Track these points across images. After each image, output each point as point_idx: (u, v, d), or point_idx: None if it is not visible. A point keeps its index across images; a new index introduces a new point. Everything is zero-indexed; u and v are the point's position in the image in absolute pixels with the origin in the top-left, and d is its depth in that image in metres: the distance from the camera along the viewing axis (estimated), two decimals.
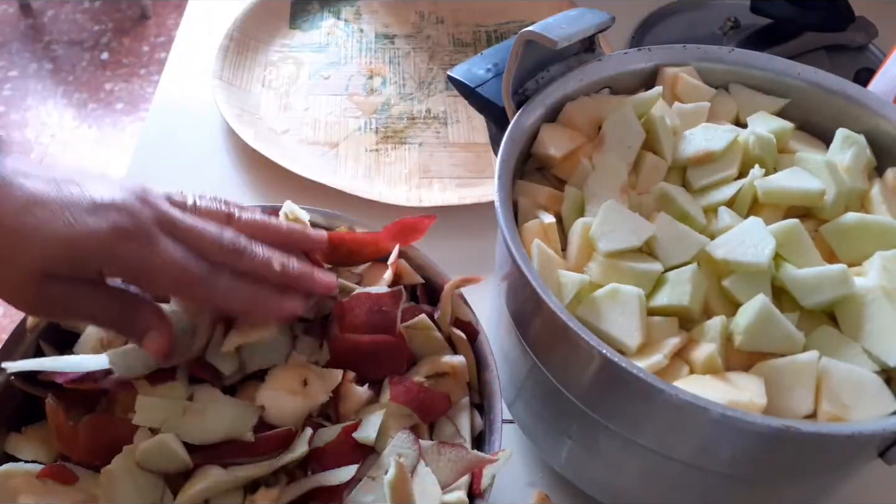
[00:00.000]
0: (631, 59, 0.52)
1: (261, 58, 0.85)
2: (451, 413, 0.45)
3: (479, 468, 0.41)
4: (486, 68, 0.50)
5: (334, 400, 0.43)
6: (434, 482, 0.40)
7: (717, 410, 0.34)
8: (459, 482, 0.41)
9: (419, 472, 0.41)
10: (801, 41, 0.80)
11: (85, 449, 0.41)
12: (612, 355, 0.36)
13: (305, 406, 0.42)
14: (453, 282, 0.47)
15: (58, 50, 2.32)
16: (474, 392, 0.46)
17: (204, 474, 0.40)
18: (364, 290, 0.46)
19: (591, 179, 0.45)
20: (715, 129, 0.48)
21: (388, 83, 0.83)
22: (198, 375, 0.43)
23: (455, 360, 0.45)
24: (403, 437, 0.42)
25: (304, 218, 0.49)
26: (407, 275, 0.49)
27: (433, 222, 0.49)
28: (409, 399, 0.43)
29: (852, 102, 0.49)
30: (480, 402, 0.46)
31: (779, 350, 0.39)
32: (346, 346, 0.44)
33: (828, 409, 0.37)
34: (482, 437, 0.44)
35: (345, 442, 0.41)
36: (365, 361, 0.44)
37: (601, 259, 0.42)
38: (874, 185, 0.46)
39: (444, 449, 0.42)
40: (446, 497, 0.40)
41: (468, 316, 0.47)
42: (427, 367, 0.45)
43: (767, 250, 0.40)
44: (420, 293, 0.50)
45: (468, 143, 0.77)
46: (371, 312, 0.45)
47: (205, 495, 0.40)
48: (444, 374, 0.45)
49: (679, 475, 0.41)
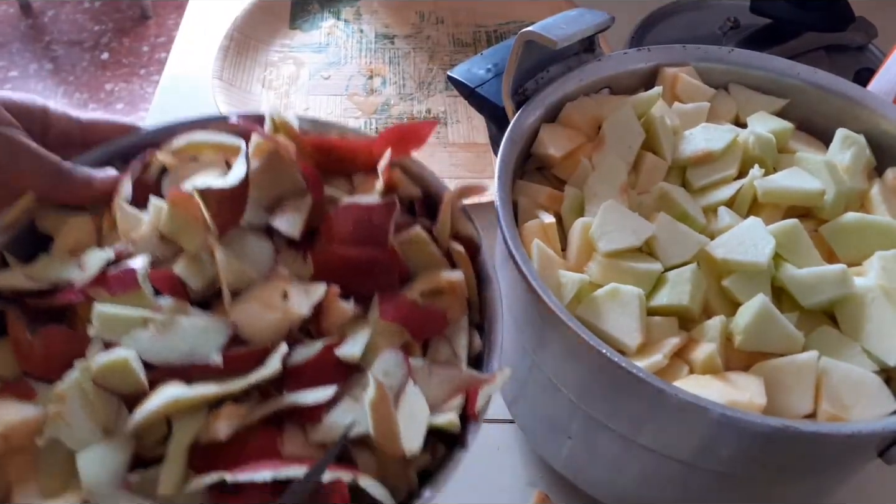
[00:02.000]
0: (631, 59, 0.52)
1: (261, 58, 0.85)
2: (449, 333, 0.41)
3: (475, 388, 0.37)
4: (486, 68, 0.50)
5: (316, 315, 0.39)
6: (423, 405, 0.37)
7: (717, 410, 0.34)
8: (451, 403, 0.38)
9: (407, 392, 0.37)
10: (801, 41, 0.80)
11: (41, 363, 0.38)
12: (612, 355, 0.36)
13: (284, 321, 0.38)
14: (454, 190, 0.43)
15: (58, 50, 2.32)
16: (474, 311, 0.42)
17: (163, 391, 0.36)
18: (352, 201, 0.42)
19: (591, 179, 0.46)
20: (715, 129, 0.48)
21: (388, 83, 0.83)
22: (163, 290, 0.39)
23: (454, 275, 0.41)
24: (391, 356, 0.38)
25: (291, 120, 0.45)
26: (402, 185, 0.45)
27: (434, 129, 0.45)
28: (401, 316, 0.39)
29: (852, 102, 0.49)
30: (480, 322, 0.42)
31: (778, 350, 0.39)
32: (333, 260, 0.40)
33: (827, 409, 0.37)
34: (480, 358, 0.41)
35: (326, 360, 0.37)
36: (353, 277, 0.40)
37: (601, 259, 0.42)
38: (874, 185, 0.46)
39: (435, 368, 0.38)
40: (436, 419, 0.36)
41: (469, 230, 0.43)
42: (423, 283, 0.41)
43: (767, 250, 0.40)
44: (418, 207, 0.45)
45: (468, 143, 0.77)
46: (359, 224, 0.41)
47: (163, 413, 0.36)
48: (441, 292, 0.41)
49: (679, 475, 0.41)
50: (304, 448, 0.36)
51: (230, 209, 0.41)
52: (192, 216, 0.41)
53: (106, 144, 0.46)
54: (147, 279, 0.39)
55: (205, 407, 0.37)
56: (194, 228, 0.41)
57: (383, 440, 0.35)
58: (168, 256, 0.42)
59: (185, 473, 0.35)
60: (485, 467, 0.54)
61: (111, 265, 0.40)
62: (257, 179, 0.43)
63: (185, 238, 0.41)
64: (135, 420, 0.36)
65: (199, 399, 0.36)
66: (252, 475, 0.33)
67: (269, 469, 0.33)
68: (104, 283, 0.39)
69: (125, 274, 0.39)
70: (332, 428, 0.36)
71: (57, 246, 0.43)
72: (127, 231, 0.43)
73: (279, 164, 0.44)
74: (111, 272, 0.40)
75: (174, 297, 0.39)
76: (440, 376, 0.38)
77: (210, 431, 0.35)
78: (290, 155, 0.43)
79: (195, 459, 0.36)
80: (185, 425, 0.36)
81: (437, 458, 0.38)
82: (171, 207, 0.41)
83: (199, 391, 0.36)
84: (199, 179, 0.42)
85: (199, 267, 0.40)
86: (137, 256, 0.40)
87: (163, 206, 0.42)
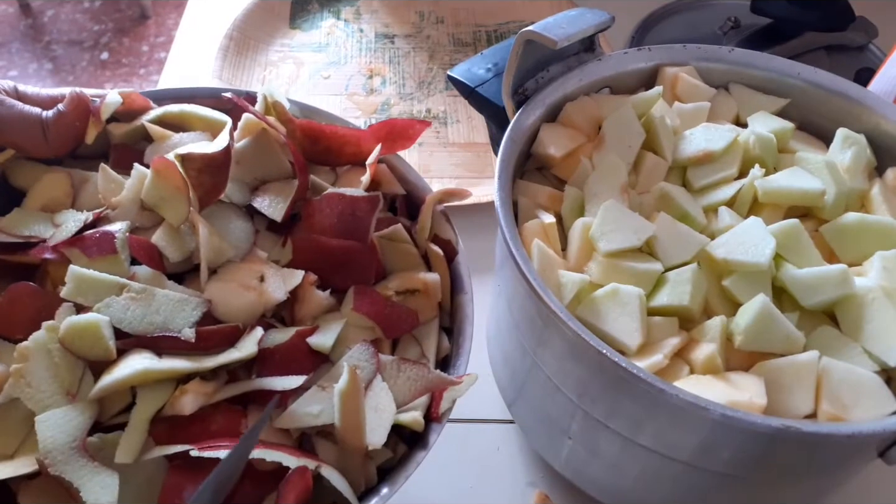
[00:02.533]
0: (631, 58, 0.52)
1: (261, 58, 0.85)
2: (419, 333, 0.41)
3: (440, 390, 0.38)
4: (486, 68, 0.50)
5: (291, 302, 0.40)
6: (389, 399, 0.37)
7: (717, 410, 0.34)
8: (417, 402, 0.38)
9: (374, 386, 0.38)
10: (801, 41, 0.80)
11: (6, 320, 0.37)
12: (612, 355, 0.36)
13: (259, 304, 0.39)
14: (435, 193, 0.44)
15: (58, 50, 2.32)
16: (445, 314, 0.43)
17: (132, 361, 0.35)
18: (336, 191, 0.42)
19: (591, 179, 0.45)
20: (715, 129, 0.48)
21: (388, 83, 0.83)
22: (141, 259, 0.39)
23: (429, 277, 0.42)
24: (362, 349, 0.39)
25: (283, 102, 0.45)
26: (387, 182, 0.45)
27: (425, 129, 0.45)
28: (374, 312, 0.40)
29: (852, 102, 0.49)
30: (451, 326, 0.43)
31: (779, 350, 0.39)
32: (312, 248, 0.41)
33: (828, 409, 0.37)
34: (447, 360, 0.41)
35: (297, 347, 0.38)
36: (330, 267, 0.41)
37: (601, 259, 0.42)
38: (874, 185, 0.46)
39: (404, 366, 0.39)
40: (401, 416, 0.37)
41: (448, 234, 0.44)
42: (398, 281, 0.42)
43: (767, 250, 0.40)
44: (400, 205, 0.46)
45: (468, 143, 0.77)
46: (342, 216, 0.41)
47: (129, 384, 0.36)
48: (415, 291, 0.42)
49: (679, 475, 0.41)
50: (267, 432, 0.36)
51: (211, 179, 0.40)
52: (175, 186, 0.41)
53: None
54: (126, 245, 0.39)
55: (173, 381, 0.36)
56: (177, 199, 0.40)
57: (348, 432, 0.36)
58: (147, 226, 0.41)
59: (144, 444, 0.35)
60: (485, 467, 0.53)
61: (87, 227, 0.40)
62: (244, 158, 0.43)
63: (167, 208, 0.41)
64: (100, 386, 0.35)
65: (168, 373, 0.36)
66: (214, 452, 0.33)
67: (230, 448, 0.33)
68: (80, 245, 0.38)
69: (103, 237, 0.39)
70: (296, 415, 0.36)
71: (29, 200, 0.42)
72: (108, 195, 0.42)
73: (267, 145, 0.44)
74: (88, 234, 0.39)
75: (151, 267, 0.39)
76: (408, 374, 0.39)
77: (175, 406, 0.35)
78: (278, 137, 0.43)
79: (158, 431, 0.35)
80: (149, 397, 0.36)
81: (398, 456, 0.38)
82: (154, 175, 0.41)
83: (169, 365, 0.36)
84: (182, 149, 0.42)
85: (178, 239, 0.40)
86: (116, 222, 0.40)
87: (146, 173, 0.41)
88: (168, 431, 0.36)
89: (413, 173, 0.46)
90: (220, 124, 0.45)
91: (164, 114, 0.46)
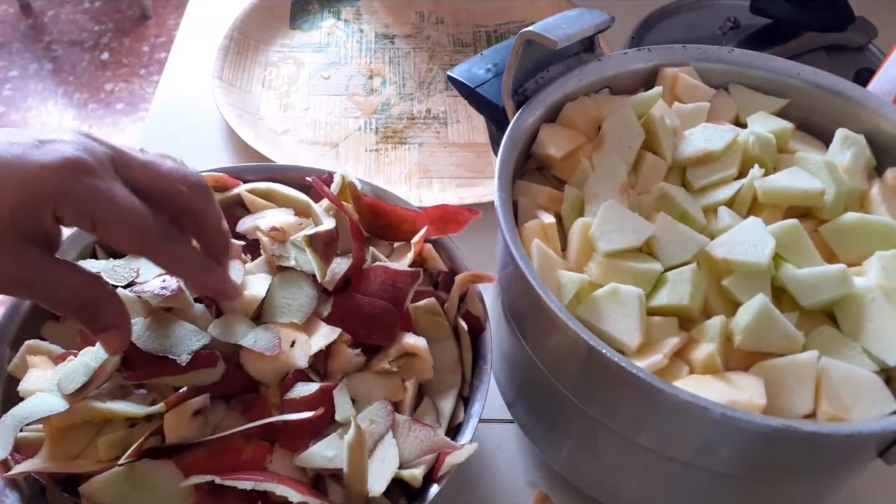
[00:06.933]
0: (631, 59, 0.52)
1: (261, 58, 0.85)
2: (438, 399, 0.46)
3: (444, 454, 0.42)
4: (486, 68, 0.50)
5: (325, 355, 0.44)
6: (395, 454, 0.41)
7: (717, 410, 0.34)
8: (423, 459, 0.42)
9: (384, 441, 0.42)
10: (801, 41, 0.80)
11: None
12: (612, 355, 0.36)
13: (284, 366, 0.43)
14: (465, 274, 0.48)
15: (58, 50, 2.32)
16: (466, 384, 0.47)
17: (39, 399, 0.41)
18: (382, 264, 0.47)
19: (591, 179, 0.46)
20: (715, 129, 0.48)
21: (388, 83, 0.83)
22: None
23: (419, 342, 0.45)
24: (380, 407, 0.43)
25: (356, 183, 0.51)
26: (432, 259, 0.50)
27: (475, 217, 0.49)
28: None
29: (852, 102, 0.49)
30: (469, 395, 0.46)
31: (778, 350, 0.39)
32: (349, 304, 0.46)
33: (827, 409, 0.37)
34: (459, 428, 0.45)
35: (320, 401, 0.42)
36: (361, 322, 0.45)
37: (601, 259, 0.42)
38: (874, 185, 0.46)
39: (415, 426, 0.43)
40: (402, 471, 0.41)
41: (479, 311, 0.48)
42: (396, 348, 0.46)
43: (767, 250, 0.40)
44: (442, 281, 0.51)
45: (468, 143, 0.77)
46: (384, 285, 0.46)
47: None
48: (412, 355, 0.46)
49: (679, 475, 0.41)
50: (287, 469, 0.41)
51: (328, 250, 0.47)
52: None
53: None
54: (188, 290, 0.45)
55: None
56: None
57: (353, 478, 0.40)
58: None
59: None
60: (485, 467, 0.54)
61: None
62: None
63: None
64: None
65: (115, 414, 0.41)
66: (236, 482, 0.38)
67: (252, 480, 0.38)
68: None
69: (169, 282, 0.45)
70: (314, 456, 0.41)
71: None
72: None
73: (340, 223, 0.49)
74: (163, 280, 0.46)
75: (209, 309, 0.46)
76: (416, 434, 0.43)
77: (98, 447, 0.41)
78: (347, 219, 0.49)
79: (187, 460, 0.40)
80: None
81: None
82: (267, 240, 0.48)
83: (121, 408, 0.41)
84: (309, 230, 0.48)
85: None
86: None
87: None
88: (199, 461, 0.40)
89: (458, 254, 0.51)
90: (300, 201, 0.52)
91: (253, 188, 0.53)
